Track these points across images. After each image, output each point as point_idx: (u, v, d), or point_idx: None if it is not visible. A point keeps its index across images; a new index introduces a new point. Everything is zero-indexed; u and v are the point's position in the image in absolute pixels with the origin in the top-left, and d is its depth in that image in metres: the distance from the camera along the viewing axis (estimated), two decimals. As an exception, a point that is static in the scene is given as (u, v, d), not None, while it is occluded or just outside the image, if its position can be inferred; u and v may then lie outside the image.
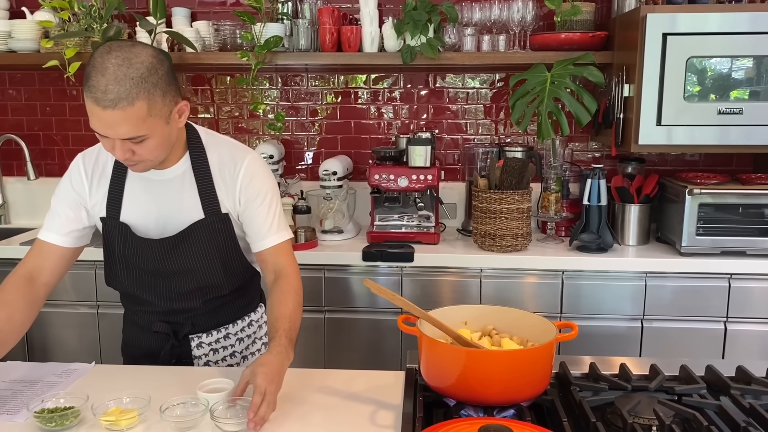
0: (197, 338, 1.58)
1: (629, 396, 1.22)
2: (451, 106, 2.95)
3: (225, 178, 1.49)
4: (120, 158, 1.33)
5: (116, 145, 1.30)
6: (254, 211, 1.50)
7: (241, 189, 1.49)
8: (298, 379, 1.41)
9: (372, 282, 1.28)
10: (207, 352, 1.59)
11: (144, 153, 1.33)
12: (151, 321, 1.57)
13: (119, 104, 1.23)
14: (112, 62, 1.24)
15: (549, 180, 2.63)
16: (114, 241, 1.51)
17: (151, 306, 1.56)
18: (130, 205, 1.48)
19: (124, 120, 1.25)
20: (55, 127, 3.07)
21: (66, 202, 1.51)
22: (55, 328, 2.57)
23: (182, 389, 1.30)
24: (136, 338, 1.64)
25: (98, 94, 1.23)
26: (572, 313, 2.40)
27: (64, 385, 1.38)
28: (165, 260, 1.49)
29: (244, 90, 2.99)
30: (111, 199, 1.48)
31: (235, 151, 1.52)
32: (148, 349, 1.58)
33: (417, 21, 2.48)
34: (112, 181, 1.48)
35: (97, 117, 1.26)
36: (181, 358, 1.58)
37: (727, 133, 2.33)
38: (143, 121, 1.27)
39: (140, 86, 1.24)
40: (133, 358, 1.64)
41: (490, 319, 1.35)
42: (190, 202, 1.48)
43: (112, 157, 1.46)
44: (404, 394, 1.26)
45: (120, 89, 1.23)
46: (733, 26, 2.27)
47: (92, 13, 2.54)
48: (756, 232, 2.37)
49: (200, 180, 1.47)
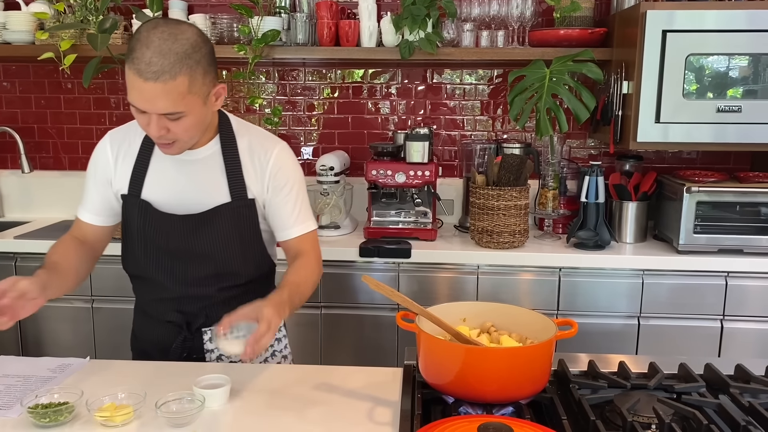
0: (210, 331, 1.55)
1: (628, 394, 1.22)
2: (448, 102, 2.94)
3: (255, 165, 1.49)
4: (155, 135, 1.33)
5: (152, 121, 1.30)
6: (282, 200, 1.51)
7: (270, 176, 1.50)
8: (295, 376, 1.40)
9: (371, 278, 1.27)
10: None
11: (179, 131, 1.33)
12: (165, 311, 1.54)
13: (161, 77, 1.24)
14: (158, 36, 1.25)
15: (547, 177, 2.62)
16: (133, 218, 1.50)
17: (165, 293, 1.53)
18: (153, 182, 1.48)
19: (164, 94, 1.25)
20: (50, 120, 3.05)
21: (94, 181, 1.53)
22: (50, 322, 2.56)
23: (178, 385, 1.29)
24: (147, 331, 1.61)
25: (141, 65, 1.24)
26: (569, 310, 2.39)
27: (59, 380, 1.36)
28: (186, 239, 1.47)
29: (241, 84, 2.97)
30: (134, 175, 1.48)
31: (265, 140, 1.53)
32: (159, 342, 1.56)
33: (415, 16, 2.47)
34: (137, 159, 1.49)
35: (138, 89, 1.26)
36: (191, 353, 1.55)
37: (726, 131, 2.33)
38: (183, 98, 1.28)
39: (183, 62, 1.25)
40: (142, 352, 1.62)
41: (489, 316, 1.34)
42: (216, 185, 1.47)
43: (141, 135, 1.48)
44: (402, 391, 1.25)
45: (164, 62, 1.24)
46: (731, 24, 2.26)
47: (88, 5, 2.52)
48: (753, 231, 2.37)
49: (229, 163, 1.48)
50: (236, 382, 1.31)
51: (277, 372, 1.43)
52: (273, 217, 1.53)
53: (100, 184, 1.52)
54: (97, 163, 1.53)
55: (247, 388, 1.32)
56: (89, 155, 3.11)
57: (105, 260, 2.46)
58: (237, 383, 1.32)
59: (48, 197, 3.05)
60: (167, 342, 1.54)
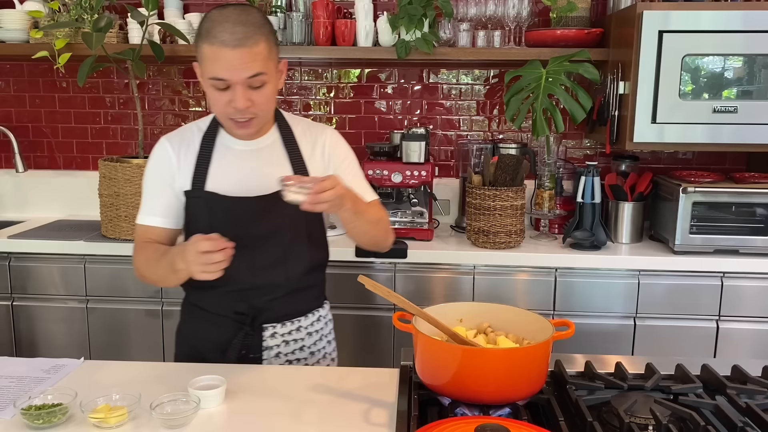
0: (272, 327, 1.55)
1: (625, 395, 1.21)
2: (445, 101, 2.94)
3: (313, 147, 1.57)
4: (241, 107, 1.38)
5: (237, 92, 1.36)
6: (344, 172, 1.57)
7: (329, 155, 1.58)
8: (291, 376, 1.39)
9: (367, 279, 1.27)
10: (279, 343, 1.56)
11: (261, 101, 1.40)
12: (228, 305, 1.53)
13: (246, 43, 1.33)
14: (232, 12, 1.36)
15: (543, 177, 2.62)
16: (199, 209, 1.50)
17: (231, 284, 1.48)
18: (217, 175, 1.50)
19: (251, 57, 1.34)
20: (45, 119, 3.03)
21: (158, 184, 1.53)
22: (44, 322, 2.54)
23: (173, 386, 1.28)
24: (203, 329, 1.58)
25: (225, 36, 1.33)
26: (565, 310, 2.39)
27: (52, 381, 1.35)
28: (255, 222, 1.49)
29: (237, 83, 2.96)
30: (197, 171, 1.51)
31: (315, 125, 1.64)
32: (216, 340, 1.54)
33: (412, 15, 2.46)
34: (199, 156, 1.52)
35: (223, 61, 1.34)
36: (249, 351, 1.54)
37: (722, 132, 2.33)
38: (265, 61, 1.37)
39: (260, 29, 1.37)
40: (193, 352, 1.59)
41: (485, 316, 1.34)
42: (279, 170, 1.50)
43: (199, 134, 1.53)
44: (399, 392, 1.25)
45: (246, 30, 1.34)
46: (727, 25, 2.26)
47: (83, 4, 2.50)
48: (749, 231, 2.38)
49: (290, 149, 1.55)
50: (231, 383, 1.31)
51: (272, 373, 1.42)
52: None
53: (165, 185, 1.52)
54: (159, 165, 1.53)
55: (243, 389, 1.32)
56: (84, 154, 3.13)
57: (99, 260, 2.48)
58: (232, 384, 1.31)
59: (42, 197, 3.04)
60: (226, 339, 1.53)
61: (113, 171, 2.46)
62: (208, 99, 1.45)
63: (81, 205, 2.98)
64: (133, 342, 2.53)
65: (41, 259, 2.50)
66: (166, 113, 3.01)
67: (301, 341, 1.59)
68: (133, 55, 2.47)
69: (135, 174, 2.45)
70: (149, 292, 2.48)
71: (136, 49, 2.48)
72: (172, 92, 2.99)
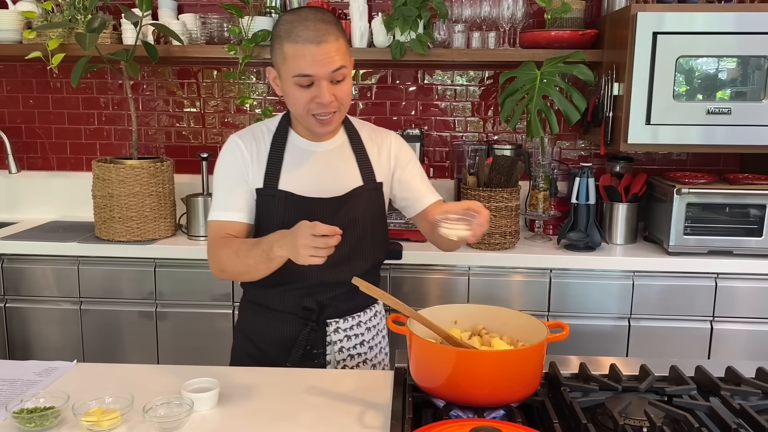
0: (335, 323, 1.58)
1: (620, 397, 1.21)
2: (440, 103, 2.94)
3: (379, 150, 1.63)
4: (326, 101, 1.42)
5: (323, 88, 1.41)
6: (411, 173, 1.65)
7: (394, 157, 1.64)
8: (285, 379, 1.39)
9: (361, 280, 1.27)
10: (342, 338, 1.58)
11: (342, 95, 1.45)
12: (296, 301, 1.56)
13: (330, 37, 1.40)
14: (308, 12, 1.44)
15: (537, 178, 2.62)
16: (273, 208, 1.52)
17: (299, 281, 1.54)
18: (289, 175, 1.54)
19: (336, 50, 1.41)
20: (38, 120, 3.02)
21: (234, 180, 1.54)
22: (37, 324, 2.53)
23: (166, 388, 1.28)
24: (266, 326, 1.60)
25: (309, 34, 1.39)
26: (559, 311, 2.39)
27: (45, 384, 1.34)
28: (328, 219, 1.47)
29: (231, 84, 2.96)
30: (270, 169, 1.54)
31: (380, 129, 1.69)
32: (280, 337, 1.57)
33: (407, 17, 2.46)
34: (270, 155, 1.55)
35: (311, 56, 1.39)
36: (313, 346, 1.57)
37: (716, 133, 2.34)
38: (345, 55, 1.44)
39: (337, 26, 1.44)
40: (257, 351, 1.61)
41: (480, 318, 1.34)
42: (348, 172, 1.57)
43: (269, 134, 1.57)
44: (393, 395, 1.25)
45: (328, 27, 1.41)
46: (720, 26, 2.27)
47: (76, 4, 2.49)
48: (743, 232, 2.38)
49: (357, 151, 1.60)
50: (225, 386, 1.30)
51: (266, 375, 1.42)
52: (406, 191, 1.65)
53: (240, 180, 1.54)
54: (232, 162, 1.55)
55: (237, 392, 1.31)
56: (77, 155, 3.12)
57: (92, 262, 2.47)
58: (226, 387, 1.31)
59: (36, 198, 3.02)
60: (291, 335, 1.56)
61: (107, 172, 2.45)
62: (289, 98, 1.47)
63: (75, 207, 2.97)
64: (127, 344, 2.52)
65: (34, 260, 2.49)
66: (160, 114, 3.00)
67: (361, 336, 1.62)
68: (127, 56, 2.46)
69: (128, 175, 2.45)
70: (143, 293, 2.48)
71: (130, 50, 2.48)
72: (167, 93, 2.98)
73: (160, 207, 2.52)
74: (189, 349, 2.49)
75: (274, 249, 1.36)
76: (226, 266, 1.49)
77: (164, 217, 2.55)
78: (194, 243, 2.53)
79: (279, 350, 1.57)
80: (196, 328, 2.48)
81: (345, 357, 1.60)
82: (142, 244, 2.46)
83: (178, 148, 3.01)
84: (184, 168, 2.97)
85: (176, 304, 2.48)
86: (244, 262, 1.44)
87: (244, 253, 1.44)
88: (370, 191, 1.59)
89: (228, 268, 1.49)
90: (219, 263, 1.50)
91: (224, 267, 1.50)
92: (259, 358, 1.60)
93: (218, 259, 1.50)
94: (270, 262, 1.40)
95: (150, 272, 2.46)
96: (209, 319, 2.48)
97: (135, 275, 2.47)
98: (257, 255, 1.41)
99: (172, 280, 2.47)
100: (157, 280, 2.47)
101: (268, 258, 1.39)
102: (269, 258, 1.39)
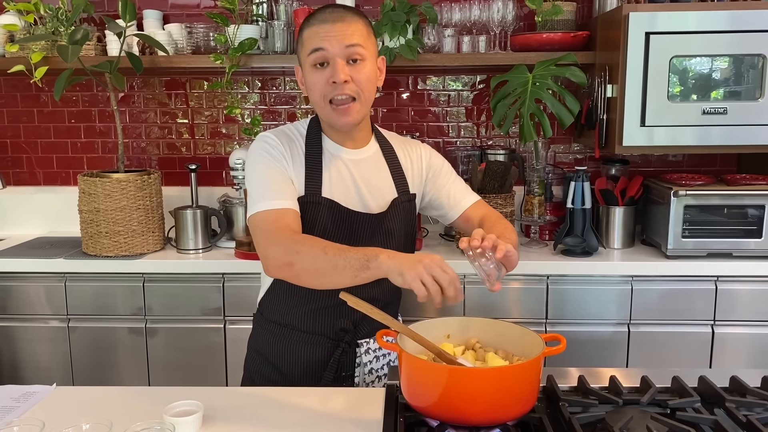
0: (366, 344, 1.53)
1: (621, 411, 1.17)
2: (432, 108, 2.90)
3: (411, 159, 1.60)
4: (341, 79, 1.38)
5: (337, 66, 1.38)
6: (445, 178, 1.63)
7: (426, 165, 1.62)
8: (272, 399, 1.33)
9: (349, 295, 1.22)
10: (371, 359, 1.54)
11: (359, 78, 1.41)
12: (329, 320, 1.51)
13: (346, 18, 1.41)
14: (332, 5, 1.46)
15: (532, 183, 2.58)
16: (317, 216, 1.45)
17: (330, 300, 1.40)
18: (329, 183, 1.49)
19: (352, 30, 1.40)
20: (24, 134, 2.97)
21: (281, 171, 1.46)
22: (25, 343, 2.47)
23: (147, 413, 1.22)
24: (290, 349, 1.53)
25: (325, 14, 1.41)
26: (557, 318, 2.35)
27: (21, 410, 1.29)
28: (369, 236, 1.47)
29: (221, 94, 2.91)
30: (311, 175, 1.48)
31: (409, 140, 1.67)
32: (308, 360, 1.52)
33: (395, 22, 2.42)
34: (307, 161, 1.49)
35: (324, 33, 1.39)
36: (342, 369, 1.52)
37: (711, 134, 2.30)
38: (364, 37, 1.42)
39: (360, 15, 1.45)
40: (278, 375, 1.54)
41: (473, 331, 1.29)
42: (384, 183, 1.55)
43: (301, 139, 1.52)
44: (384, 414, 1.19)
45: (345, 10, 1.43)
46: (713, 25, 2.23)
47: (59, 16, 2.45)
48: (742, 234, 2.34)
49: (390, 160, 1.57)
50: (209, 408, 1.25)
51: (251, 395, 1.36)
52: (443, 197, 1.62)
53: (286, 172, 1.46)
54: (273, 155, 1.46)
55: (221, 414, 1.26)
56: (65, 170, 3.07)
57: (80, 278, 2.42)
58: (210, 409, 1.25)
59: (23, 213, 2.96)
60: (319, 359, 1.51)
61: (92, 186, 2.40)
62: (308, 86, 1.45)
63: (62, 222, 2.91)
64: (117, 360, 2.47)
65: (20, 277, 2.44)
66: (149, 126, 2.95)
67: (388, 355, 1.57)
68: (111, 68, 2.42)
69: (115, 189, 2.40)
70: (132, 309, 2.42)
71: (114, 62, 2.43)
72: (156, 104, 2.93)
73: (147, 220, 2.47)
74: (180, 364, 2.44)
75: (381, 258, 1.23)
76: (299, 259, 1.31)
77: (152, 230, 2.50)
78: (184, 257, 2.48)
79: (307, 375, 1.51)
80: (187, 343, 2.43)
81: (374, 379, 1.54)
82: (130, 259, 2.41)
83: (168, 159, 2.96)
84: (174, 180, 2.92)
85: (166, 319, 2.42)
86: (331, 260, 1.27)
87: (334, 252, 1.28)
88: (404, 203, 1.56)
89: (302, 261, 1.31)
90: (287, 255, 1.33)
91: (295, 260, 1.31)
92: (281, 382, 1.54)
93: (287, 249, 1.33)
94: (364, 270, 1.25)
95: (139, 287, 2.41)
96: (200, 333, 2.42)
97: (124, 291, 2.42)
98: (353, 257, 1.26)
99: (161, 295, 2.41)
100: (147, 295, 2.41)
101: (366, 265, 1.24)
102: (367, 266, 1.24)
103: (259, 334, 1.61)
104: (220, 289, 2.39)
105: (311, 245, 1.32)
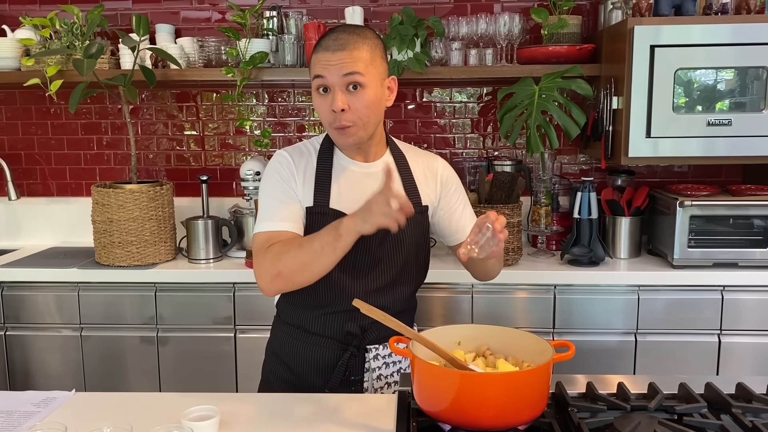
0: (374, 349, 1.55)
1: (628, 416, 1.19)
2: (438, 120, 2.94)
3: (426, 174, 1.62)
4: (338, 107, 1.42)
5: (336, 95, 1.42)
6: (456, 200, 1.65)
7: (441, 182, 1.64)
8: (285, 405, 1.36)
9: (362, 302, 1.25)
10: (380, 365, 1.56)
11: (358, 106, 1.43)
12: (339, 324, 1.54)
13: (347, 46, 1.42)
14: (342, 27, 1.47)
15: (539, 193, 2.61)
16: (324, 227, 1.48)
17: (341, 304, 1.51)
18: (338, 195, 1.53)
19: (349, 58, 1.41)
20: (38, 146, 3.02)
21: (286, 192, 1.52)
22: (38, 352, 2.51)
23: (166, 417, 1.25)
24: (303, 350, 1.57)
25: (329, 42, 1.43)
26: (565, 327, 2.37)
27: (42, 415, 1.32)
28: (377, 246, 1.51)
29: (230, 106, 2.96)
30: (320, 187, 1.53)
31: (426, 153, 1.69)
32: (318, 362, 1.55)
33: (404, 36, 2.46)
34: (318, 173, 1.54)
35: (325, 62, 1.42)
36: (351, 373, 1.55)
37: (716, 145, 2.33)
38: (365, 65, 1.43)
39: (365, 40, 1.45)
40: (292, 376, 1.59)
41: (484, 339, 1.31)
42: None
43: (314, 153, 1.57)
44: (397, 420, 1.22)
45: (349, 37, 1.43)
46: (717, 38, 2.27)
47: (74, 31, 2.50)
48: (748, 244, 2.36)
49: (403, 174, 1.59)
50: (225, 413, 1.28)
51: (267, 401, 1.39)
52: (451, 217, 1.65)
53: (291, 193, 1.52)
54: (282, 176, 1.53)
55: (237, 420, 1.29)
56: (77, 181, 3.11)
57: (93, 287, 2.45)
58: (226, 414, 1.28)
59: (36, 224, 3.01)
60: (329, 361, 1.54)
61: (106, 197, 2.44)
62: (316, 109, 1.50)
63: (75, 232, 2.96)
64: (128, 369, 2.50)
65: (34, 287, 2.47)
66: (160, 137, 3.00)
67: (399, 363, 1.59)
68: (125, 81, 2.47)
69: (128, 199, 2.44)
70: (144, 318, 2.46)
71: (128, 75, 2.48)
72: (167, 116, 2.98)
73: (160, 231, 2.51)
74: (191, 373, 2.47)
75: (345, 221, 1.35)
76: (283, 265, 1.40)
77: (164, 240, 2.54)
78: (195, 266, 2.51)
79: (317, 375, 1.55)
80: (198, 352, 2.46)
81: (383, 385, 1.56)
82: (142, 269, 2.45)
83: (179, 171, 3.01)
84: (185, 191, 2.96)
85: (178, 328, 2.46)
86: (309, 248, 1.38)
87: (308, 243, 1.39)
88: (416, 215, 1.56)
89: (286, 265, 1.40)
90: (272, 267, 1.42)
91: (280, 268, 1.41)
92: (295, 383, 1.58)
93: (271, 262, 1.42)
94: (338, 240, 1.35)
95: (151, 297, 2.45)
96: (211, 342, 2.45)
97: (136, 300, 2.45)
98: (324, 236, 1.38)
99: (173, 305, 2.45)
100: (158, 305, 2.45)
101: (337, 235, 1.35)
102: (338, 235, 1.35)
103: (276, 335, 1.65)
104: (230, 298, 2.42)
105: (288, 248, 1.42)
